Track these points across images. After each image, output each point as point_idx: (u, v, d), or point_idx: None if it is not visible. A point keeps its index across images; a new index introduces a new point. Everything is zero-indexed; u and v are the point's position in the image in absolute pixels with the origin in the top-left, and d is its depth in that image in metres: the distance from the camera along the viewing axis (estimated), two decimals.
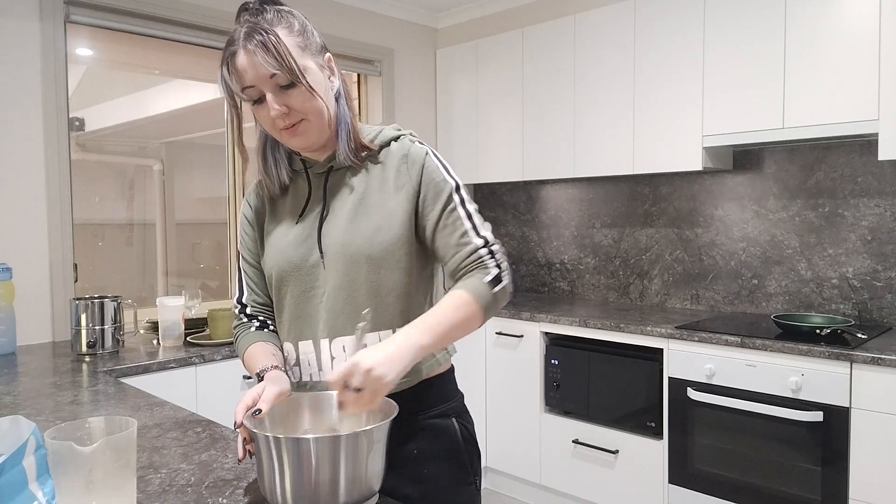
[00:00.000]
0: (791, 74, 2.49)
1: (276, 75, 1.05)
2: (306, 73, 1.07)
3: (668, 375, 2.59)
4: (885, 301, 2.63)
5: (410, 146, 1.18)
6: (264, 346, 1.20)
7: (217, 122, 3.19)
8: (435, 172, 1.16)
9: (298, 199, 1.21)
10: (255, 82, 1.06)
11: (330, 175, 1.19)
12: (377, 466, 0.93)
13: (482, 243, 1.13)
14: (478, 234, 1.14)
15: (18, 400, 1.66)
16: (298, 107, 1.08)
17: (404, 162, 1.17)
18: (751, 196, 2.96)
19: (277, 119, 1.08)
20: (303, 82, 1.06)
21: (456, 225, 1.14)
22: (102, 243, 2.90)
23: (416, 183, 1.15)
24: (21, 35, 2.46)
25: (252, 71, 1.05)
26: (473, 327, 1.10)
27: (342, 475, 0.88)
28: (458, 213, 1.15)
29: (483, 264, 1.12)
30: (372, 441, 0.90)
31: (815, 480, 2.23)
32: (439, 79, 3.88)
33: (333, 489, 0.88)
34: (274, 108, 1.06)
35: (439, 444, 1.19)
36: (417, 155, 1.17)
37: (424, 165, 1.16)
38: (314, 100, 1.08)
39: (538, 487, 3.12)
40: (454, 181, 1.17)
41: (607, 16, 3.05)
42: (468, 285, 1.10)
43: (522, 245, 3.87)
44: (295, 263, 1.18)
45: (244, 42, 1.05)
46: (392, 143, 1.20)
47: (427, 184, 1.16)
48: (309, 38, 1.11)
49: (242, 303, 1.28)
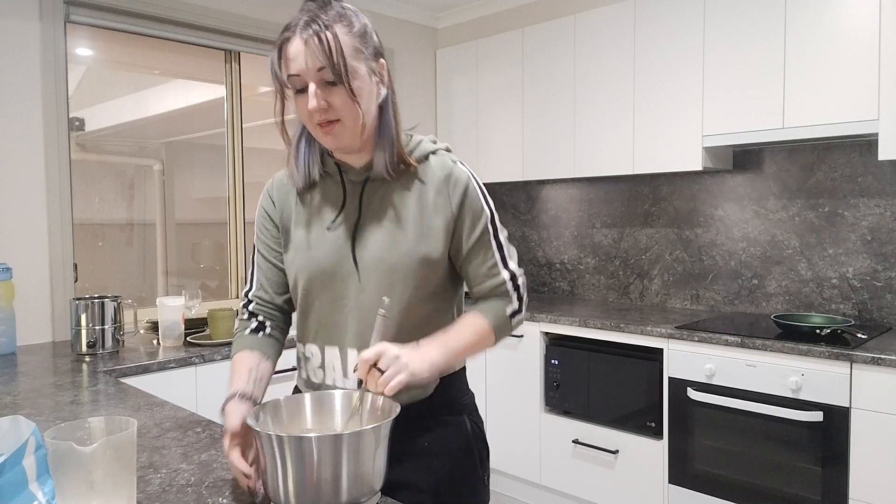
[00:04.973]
0: (791, 74, 2.49)
1: (323, 69, 1.05)
2: (354, 75, 1.07)
3: (668, 375, 2.59)
4: (885, 301, 2.63)
5: (453, 167, 1.19)
6: (248, 357, 1.20)
7: (217, 122, 3.19)
8: (475, 201, 1.18)
9: (330, 203, 1.20)
10: (302, 72, 1.06)
11: (367, 184, 1.18)
12: (379, 465, 0.94)
13: (509, 276, 1.20)
14: (506, 266, 1.21)
15: (18, 400, 1.66)
16: (338, 106, 1.07)
17: (446, 184, 1.17)
18: (751, 196, 2.96)
19: (315, 113, 1.07)
20: (346, 83, 1.05)
21: (487, 255, 1.19)
22: (102, 243, 2.90)
23: (456, 207, 1.17)
24: (21, 35, 2.46)
25: (301, 60, 1.05)
26: (484, 350, 1.19)
27: (344, 473, 0.88)
28: (490, 244, 1.19)
29: (507, 295, 1.20)
30: (374, 440, 0.91)
31: (815, 480, 2.23)
32: (439, 79, 3.88)
33: (336, 487, 0.88)
34: (313, 101, 1.05)
35: (451, 439, 1.23)
36: (460, 179, 1.18)
37: (467, 191, 1.18)
38: (354, 103, 1.07)
39: (538, 487, 3.12)
40: (490, 211, 1.21)
41: (607, 16, 3.05)
42: (488, 312, 1.18)
43: (522, 245, 3.87)
44: (327, 271, 1.17)
45: (301, 30, 1.05)
46: (430, 156, 1.20)
47: (466, 210, 1.17)
48: (366, 42, 1.10)
49: (248, 297, 1.27)
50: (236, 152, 3.21)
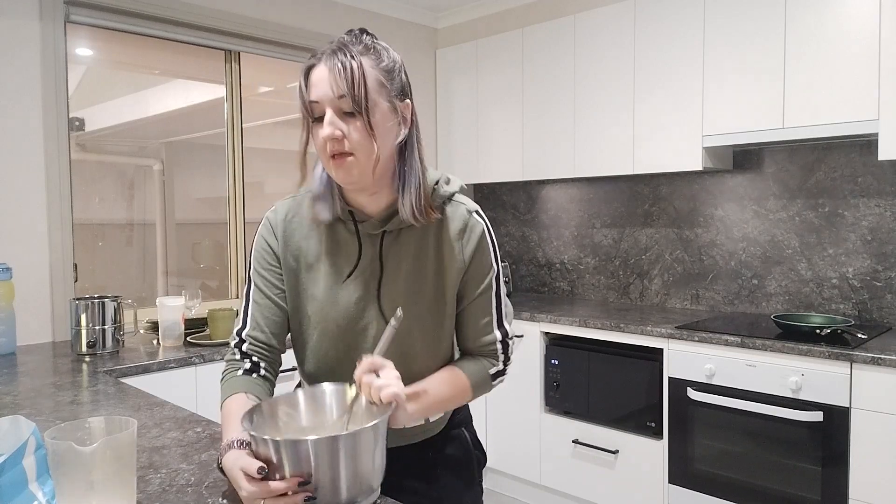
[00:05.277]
0: (791, 74, 2.49)
1: (343, 98, 1.03)
2: (374, 108, 1.04)
3: (668, 375, 2.59)
4: (885, 301, 2.63)
5: (469, 219, 1.17)
6: (243, 402, 1.10)
7: (217, 122, 3.19)
8: (486, 256, 1.19)
9: (344, 253, 1.16)
10: (322, 98, 1.04)
11: (385, 237, 1.16)
12: (377, 464, 0.94)
13: (500, 337, 1.21)
14: (500, 326, 1.21)
15: (18, 400, 1.66)
16: (353, 139, 1.04)
17: (461, 235, 1.16)
18: (751, 196, 2.96)
19: (328, 141, 1.04)
20: (364, 115, 1.03)
21: (485, 311, 1.20)
22: (102, 243, 2.90)
23: (468, 258, 1.17)
24: (21, 35, 2.46)
25: (323, 86, 1.04)
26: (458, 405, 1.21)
27: (342, 473, 0.89)
28: (490, 301, 1.20)
29: (494, 355, 1.22)
30: (370, 439, 0.91)
31: (815, 480, 2.23)
32: (439, 79, 3.88)
33: (334, 487, 0.89)
34: (328, 128, 1.03)
35: (452, 450, 1.29)
36: (475, 232, 1.17)
37: (479, 245, 1.18)
38: (370, 137, 1.04)
39: (538, 487, 3.12)
40: (497, 268, 1.21)
41: (607, 16, 3.05)
42: (471, 370, 1.19)
43: (522, 245, 3.87)
44: (342, 326, 1.16)
45: (327, 57, 1.05)
46: (446, 204, 1.18)
47: (476, 263, 1.18)
48: (393, 78, 1.09)
49: (241, 337, 1.19)
50: (236, 152, 3.21)
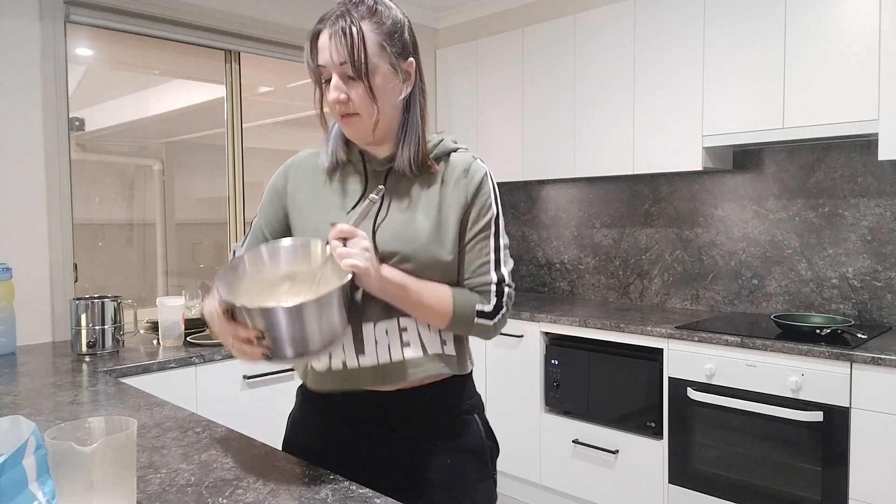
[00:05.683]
0: (791, 74, 2.49)
1: (345, 64, 1.10)
2: (374, 72, 1.11)
3: (668, 375, 2.59)
4: (885, 301, 2.63)
5: (472, 162, 1.23)
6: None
7: (217, 122, 3.19)
8: (487, 195, 1.22)
9: (351, 189, 1.22)
10: (327, 64, 1.11)
11: (389, 174, 1.21)
12: (324, 328, 1.04)
13: (496, 279, 1.20)
14: (497, 269, 1.21)
15: (18, 400, 1.66)
16: (356, 100, 1.12)
17: (464, 176, 1.21)
18: (751, 196, 2.96)
19: (335, 104, 1.12)
20: (364, 80, 1.10)
21: (483, 252, 1.21)
22: (102, 243, 2.90)
23: (470, 196, 1.20)
24: (21, 35, 2.46)
25: (326, 53, 1.11)
26: (431, 322, 1.18)
27: (285, 335, 1.01)
28: (489, 242, 1.21)
29: (487, 296, 1.20)
30: (312, 310, 1.01)
31: (815, 480, 2.23)
32: (439, 79, 3.88)
33: (280, 347, 1.02)
34: (333, 93, 1.11)
35: (464, 439, 1.25)
36: (477, 172, 1.22)
37: (481, 184, 1.21)
38: (371, 100, 1.12)
39: (538, 487, 3.12)
40: (497, 211, 1.23)
41: (607, 16, 3.05)
42: (459, 295, 1.18)
43: (522, 245, 3.87)
44: None
45: (330, 24, 1.11)
46: (451, 154, 1.24)
47: (477, 202, 1.21)
48: (395, 39, 1.14)
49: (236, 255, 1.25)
50: (236, 152, 3.21)
